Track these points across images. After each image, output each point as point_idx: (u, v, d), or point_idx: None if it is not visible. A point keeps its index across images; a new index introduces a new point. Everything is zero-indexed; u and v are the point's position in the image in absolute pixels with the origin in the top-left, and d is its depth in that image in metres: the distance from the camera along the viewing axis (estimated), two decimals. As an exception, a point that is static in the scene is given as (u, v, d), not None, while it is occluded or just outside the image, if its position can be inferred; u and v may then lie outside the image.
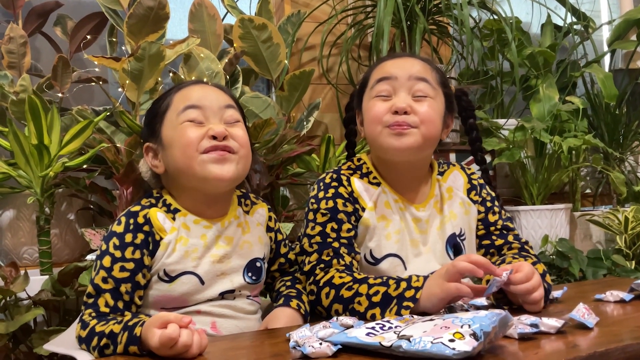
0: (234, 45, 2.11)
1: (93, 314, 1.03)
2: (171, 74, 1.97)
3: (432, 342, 0.77)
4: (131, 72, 1.74)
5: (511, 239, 1.29)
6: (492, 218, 1.31)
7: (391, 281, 1.08)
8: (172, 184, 1.17)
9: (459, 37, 2.47)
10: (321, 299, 1.15)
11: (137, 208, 1.12)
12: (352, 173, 1.28)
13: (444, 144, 2.31)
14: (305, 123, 2.24)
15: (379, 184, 1.27)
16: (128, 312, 1.05)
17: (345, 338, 0.85)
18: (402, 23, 2.14)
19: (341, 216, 1.22)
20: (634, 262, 2.23)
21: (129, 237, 1.08)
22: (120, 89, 1.79)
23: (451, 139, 2.38)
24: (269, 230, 1.26)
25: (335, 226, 1.21)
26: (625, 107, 2.78)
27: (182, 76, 1.93)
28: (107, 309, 1.04)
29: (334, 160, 2.14)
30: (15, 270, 1.60)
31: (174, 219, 1.13)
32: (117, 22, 1.98)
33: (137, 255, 1.07)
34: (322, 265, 1.18)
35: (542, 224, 2.31)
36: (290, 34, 2.33)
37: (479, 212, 1.31)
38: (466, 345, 0.76)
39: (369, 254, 1.23)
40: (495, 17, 2.44)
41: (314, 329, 0.90)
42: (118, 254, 1.07)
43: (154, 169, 1.17)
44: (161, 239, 1.10)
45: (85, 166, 1.74)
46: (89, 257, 1.70)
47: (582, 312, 0.95)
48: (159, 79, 1.85)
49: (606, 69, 3.06)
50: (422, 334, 0.80)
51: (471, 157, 2.31)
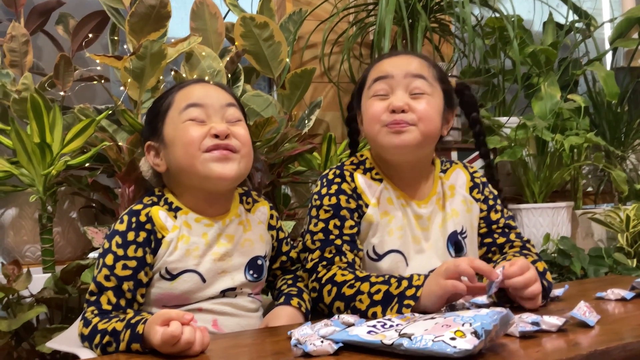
0: (236, 43, 2.11)
1: (95, 312, 1.04)
2: (173, 72, 1.97)
3: (433, 340, 0.77)
4: (133, 70, 1.74)
5: (513, 237, 1.29)
6: (494, 216, 1.31)
7: (393, 280, 1.09)
8: (174, 182, 1.17)
9: (460, 35, 2.46)
10: (323, 297, 1.15)
11: (139, 206, 1.12)
12: (355, 168, 1.28)
13: (445, 142, 2.31)
14: (306, 121, 2.24)
15: (381, 180, 1.27)
16: (130, 310, 1.05)
17: (347, 336, 0.85)
18: (403, 21, 2.13)
19: (344, 213, 1.22)
20: (635, 260, 2.23)
21: (131, 236, 1.08)
22: (122, 88, 1.79)
23: (453, 137, 2.38)
24: (271, 228, 1.26)
25: (338, 223, 1.21)
26: (627, 105, 2.77)
27: (183, 75, 1.93)
28: (110, 307, 1.04)
29: (335, 158, 2.14)
30: (17, 268, 1.61)
31: (175, 217, 1.13)
32: (119, 20, 1.98)
33: (140, 253, 1.08)
34: (324, 263, 1.18)
35: (543, 222, 2.31)
36: (292, 32, 2.33)
37: (481, 210, 1.31)
38: (467, 343, 0.76)
39: (372, 250, 1.23)
40: (497, 15, 2.44)
41: (315, 326, 0.90)
42: (120, 252, 1.07)
43: (155, 167, 1.17)
44: (163, 237, 1.10)
45: (87, 164, 1.75)
46: (91, 255, 1.70)
47: (583, 311, 0.95)
48: (160, 77, 1.85)
49: (608, 67, 3.06)
50: (423, 332, 0.80)
51: (473, 155, 2.32)
